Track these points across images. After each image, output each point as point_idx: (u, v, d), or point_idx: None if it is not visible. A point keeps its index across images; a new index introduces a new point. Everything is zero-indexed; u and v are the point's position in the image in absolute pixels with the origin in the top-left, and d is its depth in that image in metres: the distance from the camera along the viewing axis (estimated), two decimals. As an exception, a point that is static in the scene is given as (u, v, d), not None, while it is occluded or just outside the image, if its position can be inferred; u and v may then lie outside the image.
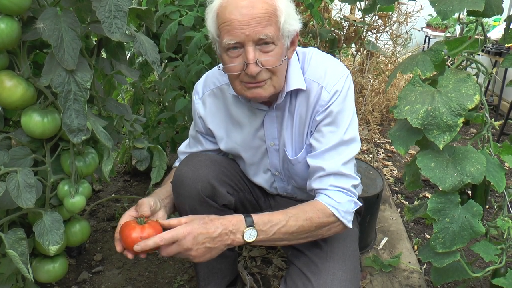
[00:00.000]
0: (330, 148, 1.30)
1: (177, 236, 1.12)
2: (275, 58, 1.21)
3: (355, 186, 1.32)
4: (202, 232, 1.13)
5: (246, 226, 1.17)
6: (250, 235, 1.17)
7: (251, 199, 1.60)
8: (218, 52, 1.28)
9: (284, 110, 1.37)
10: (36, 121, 1.19)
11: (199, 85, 1.52)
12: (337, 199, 1.27)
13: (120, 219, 1.25)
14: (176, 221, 1.17)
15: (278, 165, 1.48)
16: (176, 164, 1.63)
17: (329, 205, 1.26)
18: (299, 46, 1.44)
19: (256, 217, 1.20)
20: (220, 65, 1.32)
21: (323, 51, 2.90)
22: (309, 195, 1.56)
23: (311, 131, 1.36)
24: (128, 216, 1.26)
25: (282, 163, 1.47)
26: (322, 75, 1.32)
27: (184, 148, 1.63)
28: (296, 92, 1.35)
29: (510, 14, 1.44)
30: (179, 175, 1.42)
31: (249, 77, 1.21)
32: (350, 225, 1.29)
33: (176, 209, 1.47)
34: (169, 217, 1.38)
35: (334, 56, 3.27)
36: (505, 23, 1.46)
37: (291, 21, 1.23)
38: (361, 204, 1.33)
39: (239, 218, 1.19)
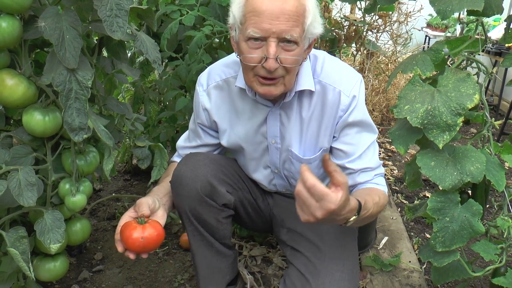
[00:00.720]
0: (366, 148, 1.40)
1: (326, 197, 0.99)
2: (294, 57, 1.21)
3: None
4: (336, 211, 1.01)
5: (355, 214, 1.13)
6: (349, 222, 1.13)
7: (250, 198, 1.61)
8: (236, 39, 1.26)
9: (291, 110, 1.38)
10: (37, 120, 1.19)
11: (203, 78, 1.51)
12: (382, 182, 1.42)
13: (120, 220, 1.25)
14: (340, 178, 1.02)
15: (277, 163, 1.49)
16: (174, 159, 1.64)
17: (383, 189, 1.41)
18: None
19: (363, 204, 1.17)
20: (232, 55, 1.37)
21: (324, 51, 2.90)
22: None
23: (335, 136, 1.41)
24: (127, 217, 1.26)
25: (282, 161, 1.47)
26: (338, 79, 1.35)
27: (182, 142, 1.63)
28: (309, 94, 1.36)
29: (510, 13, 1.44)
30: (177, 175, 1.42)
31: (265, 71, 1.20)
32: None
33: (175, 207, 1.47)
34: (168, 215, 1.39)
35: (334, 55, 3.28)
36: (505, 22, 1.46)
37: (316, 24, 1.24)
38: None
39: (355, 207, 1.11)
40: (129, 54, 2.37)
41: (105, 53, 1.57)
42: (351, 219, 1.13)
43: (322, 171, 1.49)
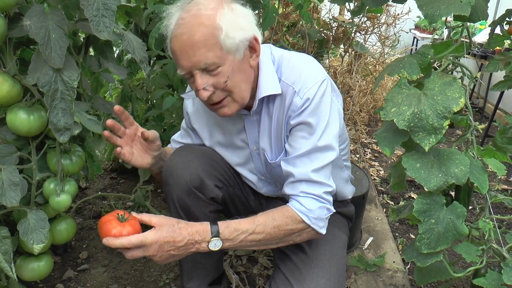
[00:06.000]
0: (302, 154, 1.28)
1: (144, 242, 1.14)
2: (224, 78, 1.20)
3: (328, 193, 1.30)
4: (169, 241, 1.16)
5: (211, 237, 1.20)
6: (215, 245, 1.21)
7: (241, 196, 1.61)
8: None
9: (264, 114, 1.37)
10: (22, 119, 1.18)
11: None
12: (307, 205, 1.26)
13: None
14: (147, 219, 1.19)
15: (262, 169, 1.49)
16: (169, 146, 1.67)
17: (299, 211, 1.25)
18: (287, 45, 1.45)
19: (222, 227, 1.22)
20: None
21: (312, 51, 2.89)
22: None
23: (287, 135, 1.35)
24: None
25: (265, 166, 1.48)
26: (297, 79, 1.29)
27: (176, 137, 1.66)
28: (273, 96, 1.33)
29: (495, 19, 1.47)
30: (169, 165, 1.43)
31: (206, 101, 1.23)
32: (322, 231, 1.29)
33: (165, 196, 1.48)
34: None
35: (322, 56, 3.29)
36: (490, 27, 1.48)
37: (234, 33, 1.18)
38: (334, 211, 1.31)
39: (206, 228, 1.21)
40: (116, 52, 2.35)
41: (92, 52, 1.56)
42: (211, 240, 1.20)
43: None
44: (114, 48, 1.73)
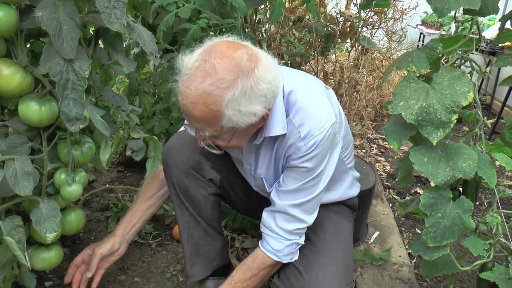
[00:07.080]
0: (288, 190, 1.33)
1: None
2: (224, 143, 1.24)
3: (300, 229, 1.36)
4: None
5: None
6: None
7: (240, 184, 1.62)
8: None
9: (265, 145, 1.37)
10: (33, 110, 1.19)
11: None
12: (275, 247, 1.36)
13: (77, 257, 1.56)
14: None
15: (252, 185, 1.54)
16: None
17: (269, 252, 1.37)
18: (294, 39, 1.45)
19: None
20: None
21: (318, 46, 2.88)
22: None
23: (284, 167, 1.37)
24: (86, 253, 1.56)
25: (256, 186, 1.52)
26: (304, 121, 1.26)
27: None
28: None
29: (505, 14, 1.46)
30: (168, 146, 1.49)
31: None
32: (295, 259, 1.40)
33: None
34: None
35: (328, 51, 3.28)
36: (499, 23, 1.47)
37: (239, 119, 1.14)
38: (303, 243, 1.39)
39: None
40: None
41: (101, 44, 1.57)
42: None
43: None
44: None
